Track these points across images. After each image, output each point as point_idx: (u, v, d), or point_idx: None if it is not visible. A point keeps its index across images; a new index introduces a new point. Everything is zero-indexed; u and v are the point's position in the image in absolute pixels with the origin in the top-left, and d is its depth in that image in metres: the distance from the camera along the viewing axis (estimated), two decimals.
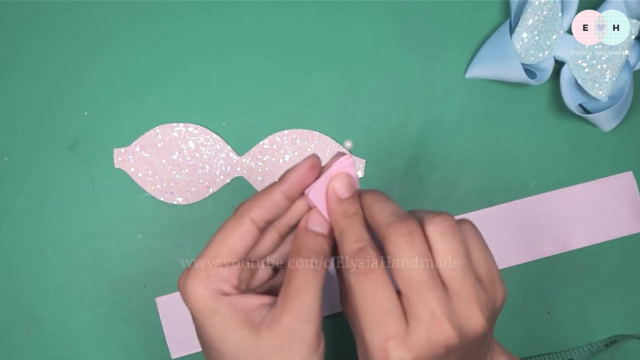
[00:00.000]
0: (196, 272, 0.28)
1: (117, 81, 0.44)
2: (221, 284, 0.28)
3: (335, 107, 0.45)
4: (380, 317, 0.26)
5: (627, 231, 0.46)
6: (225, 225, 0.29)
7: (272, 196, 0.29)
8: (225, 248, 0.28)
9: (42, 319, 0.43)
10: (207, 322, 0.28)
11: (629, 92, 0.45)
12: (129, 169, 0.44)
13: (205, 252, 0.29)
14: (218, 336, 0.28)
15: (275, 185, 0.29)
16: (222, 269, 0.28)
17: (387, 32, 0.46)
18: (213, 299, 0.28)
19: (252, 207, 0.29)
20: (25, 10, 0.44)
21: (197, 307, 0.28)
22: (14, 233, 0.43)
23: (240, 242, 0.28)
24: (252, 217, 0.28)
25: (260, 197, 0.29)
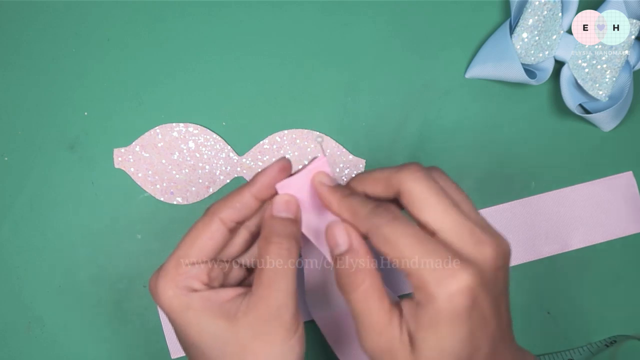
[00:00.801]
0: (166, 272, 0.28)
1: (117, 81, 0.44)
2: (191, 281, 0.28)
3: (335, 107, 0.45)
4: None
5: (627, 231, 0.46)
6: (195, 226, 0.29)
7: (241, 197, 0.29)
8: (195, 248, 0.29)
9: (42, 318, 0.43)
10: (182, 319, 0.28)
11: (629, 92, 0.45)
12: (129, 169, 0.44)
13: (175, 252, 0.29)
14: (195, 331, 0.28)
15: (245, 186, 0.29)
16: (192, 267, 0.28)
17: (387, 32, 0.46)
18: (184, 295, 0.28)
19: (221, 207, 0.29)
20: (25, 10, 0.44)
21: (170, 306, 0.28)
22: (14, 233, 0.43)
23: (210, 242, 0.29)
24: (222, 218, 0.29)
25: (230, 198, 0.29)
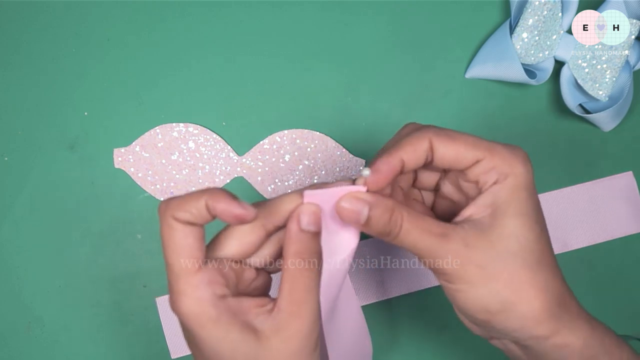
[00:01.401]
0: (185, 277, 0.27)
1: (117, 81, 0.44)
2: (212, 286, 0.27)
3: (335, 107, 0.45)
4: None
5: (627, 231, 0.46)
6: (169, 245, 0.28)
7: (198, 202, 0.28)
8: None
9: (42, 318, 0.43)
10: (211, 335, 0.27)
11: (629, 92, 0.45)
12: (129, 169, 0.44)
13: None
14: (225, 347, 0.27)
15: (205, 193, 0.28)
16: (200, 272, 0.27)
17: (387, 32, 0.46)
18: (212, 305, 0.27)
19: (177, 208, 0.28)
20: (25, 10, 0.44)
21: (197, 320, 0.27)
22: (14, 233, 0.43)
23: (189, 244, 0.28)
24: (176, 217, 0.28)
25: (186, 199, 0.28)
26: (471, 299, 0.29)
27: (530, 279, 0.28)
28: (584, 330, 0.30)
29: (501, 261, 0.28)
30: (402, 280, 0.45)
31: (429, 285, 0.45)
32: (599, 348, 0.30)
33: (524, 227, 0.29)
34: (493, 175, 0.29)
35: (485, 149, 0.29)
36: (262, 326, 0.28)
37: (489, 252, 0.28)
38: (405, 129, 0.31)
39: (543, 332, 0.29)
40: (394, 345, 0.45)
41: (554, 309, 0.29)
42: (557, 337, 0.29)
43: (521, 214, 0.29)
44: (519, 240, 0.29)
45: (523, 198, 0.29)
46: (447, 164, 0.30)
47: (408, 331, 0.45)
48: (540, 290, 0.28)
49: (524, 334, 0.29)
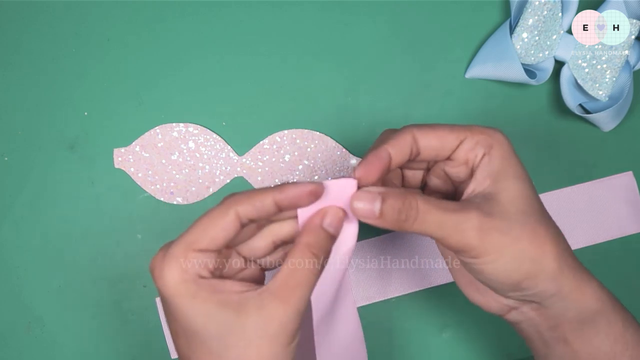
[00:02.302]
0: (174, 256, 0.28)
1: (117, 81, 0.44)
2: (199, 268, 0.28)
3: (335, 107, 0.45)
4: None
5: (627, 231, 0.46)
6: (210, 214, 0.29)
7: (264, 198, 0.29)
8: (207, 236, 0.28)
9: (42, 318, 0.43)
10: (187, 305, 0.28)
11: (629, 92, 0.45)
12: (129, 169, 0.44)
13: (184, 237, 0.28)
14: (201, 318, 0.28)
15: (270, 190, 0.29)
16: (201, 254, 0.28)
17: (387, 32, 0.46)
18: (193, 282, 0.28)
19: (241, 201, 0.28)
20: (25, 10, 0.44)
21: (176, 291, 0.28)
22: (14, 233, 0.43)
23: (222, 233, 0.28)
24: (239, 212, 0.28)
25: (252, 195, 0.29)
26: (501, 267, 0.30)
27: (546, 233, 0.30)
28: (595, 284, 0.31)
29: (518, 222, 0.30)
30: (402, 280, 0.45)
31: (429, 285, 0.45)
32: (609, 304, 0.32)
33: (525, 187, 0.31)
34: (479, 149, 0.31)
35: (464, 129, 0.31)
36: (247, 302, 0.28)
37: (505, 216, 0.30)
38: (384, 133, 0.33)
39: (568, 285, 0.30)
40: (394, 345, 0.45)
41: (569, 260, 0.31)
42: (578, 290, 0.31)
43: (518, 176, 0.31)
44: (526, 199, 0.30)
45: (514, 162, 0.31)
46: (434, 153, 0.31)
47: (408, 331, 0.45)
48: (556, 242, 0.30)
49: (552, 289, 0.30)
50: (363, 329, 0.44)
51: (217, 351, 0.28)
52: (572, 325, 0.31)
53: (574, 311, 0.31)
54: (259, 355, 0.28)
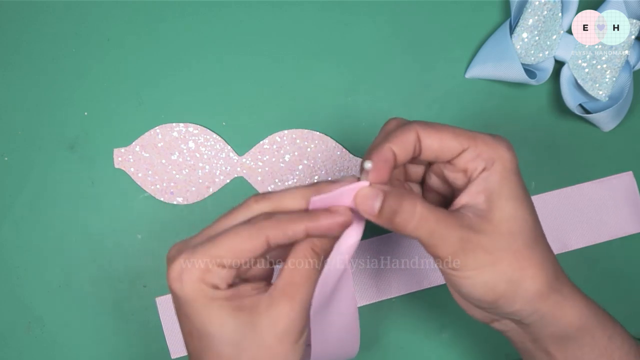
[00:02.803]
0: (195, 266, 0.28)
1: (117, 81, 0.44)
2: (217, 280, 0.28)
3: (335, 107, 0.45)
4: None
5: (627, 231, 0.46)
6: (239, 233, 0.29)
7: (296, 227, 0.29)
8: (233, 255, 0.28)
9: (42, 318, 0.43)
10: (202, 310, 0.28)
11: (629, 92, 0.45)
12: (129, 169, 0.44)
13: (211, 249, 0.28)
14: (217, 322, 0.28)
15: (303, 218, 0.29)
16: (222, 269, 0.28)
17: (387, 32, 0.46)
18: (209, 291, 0.28)
19: (273, 228, 0.29)
20: (25, 10, 0.44)
21: (192, 297, 0.28)
22: (14, 233, 0.43)
23: (249, 254, 0.28)
24: (269, 237, 0.28)
25: (285, 223, 0.29)
26: (479, 283, 0.30)
27: (531, 256, 0.30)
28: (581, 304, 0.31)
29: (504, 242, 0.30)
30: (402, 280, 0.45)
31: (429, 285, 0.45)
32: (594, 321, 0.32)
33: (519, 209, 0.30)
34: (480, 162, 0.30)
35: (469, 138, 0.31)
36: (258, 302, 0.29)
37: (493, 235, 0.30)
38: (389, 124, 0.32)
39: (546, 306, 0.30)
40: (394, 345, 0.45)
41: (553, 283, 0.30)
42: (558, 311, 0.31)
43: (515, 196, 0.30)
44: (517, 221, 0.30)
45: (513, 181, 0.30)
46: (434, 155, 0.31)
47: (408, 331, 0.45)
48: (541, 266, 0.30)
49: (528, 310, 0.30)
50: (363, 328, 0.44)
51: (231, 355, 0.28)
52: (553, 339, 0.32)
53: (553, 328, 0.31)
54: (270, 354, 0.28)
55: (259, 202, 0.30)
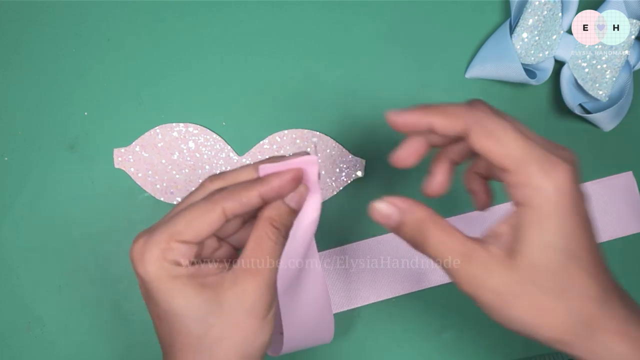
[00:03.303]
0: (156, 243, 0.29)
1: (117, 81, 0.44)
2: (179, 257, 0.29)
3: (335, 107, 0.45)
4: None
5: (627, 231, 0.46)
6: (196, 208, 0.29)
7: (249, 194, 0.30)
8: (191, 229, 0.29)
9: (42, 318, 0.43)
10: (167, 289, 0.29)
11: (629, 92, 0.45)
12: (129, 169, 0.44)
13: (169, 227, 0.29)
14: (181, 301, 0.29)
15: (255, 184, 0.30)
16: (183, 245, 0.29)
17: (387, 32, 0.46)
18: (172, 268, 0.29)
19: (227, 198, 0.29)
20: (25, 10, 0.44)
21: (155, 276, 0.29)
22: (14, 233, 0.43)
23: (207, 227, 0.29)
24: (225, 209, 0.29)
25: (238, 191, 0.30)
26: (496, 316, 0.29)
27: (552, 305, 0.27)
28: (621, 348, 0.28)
29: (520, 288, 0.27)
30: (402, 280, 0.45)
31: (429, 285, 0.45)
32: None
33: (549, 256, 0.27)
34: (523, 192, 0.27)
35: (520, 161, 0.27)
36: (222, 280, 0.29)
37: (507, 279, 0.27)
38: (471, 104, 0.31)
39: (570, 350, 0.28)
40: (393, 346, 0.45)
41: (579, 331, 0.28)
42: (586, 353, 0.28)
43: (548, 243, 0.27)
44: (542, 270, 0.27)
45: (552, 224, 0.27)
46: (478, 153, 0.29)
47: (408, 331, 0.45)
48: (563, 315, 0.28)
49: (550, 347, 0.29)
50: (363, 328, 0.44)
51: (198, 333, 0.29)
52: None
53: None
54: (238, 330, 0.29)
55: (213, 181, 0.31)
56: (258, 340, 0.30)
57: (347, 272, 0.44)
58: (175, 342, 0.29)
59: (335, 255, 0.44)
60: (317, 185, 0.32)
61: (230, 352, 0.29)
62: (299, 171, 0.31)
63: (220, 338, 0.29)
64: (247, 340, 0.29)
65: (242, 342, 0.29)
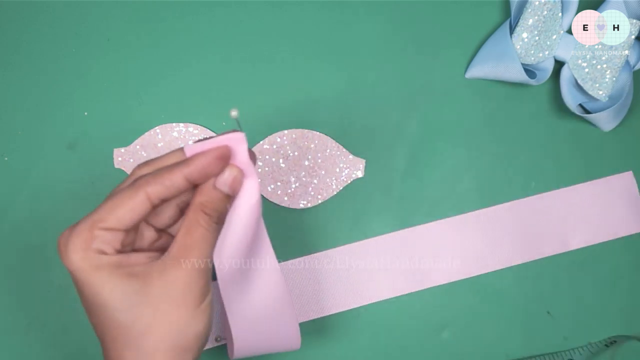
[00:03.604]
0: (78, 232, 0.28)
1: (117, 81, 0.44)
2: (103, 245, 0.28)
3: (335, 107, 0.45)
4: None
5: (627, 231, 0.46)
6: (119, 194, 0.29)
7: (173, 176, 0.29)
8: (113, 215, 0.28)
9: (42, 318, 0.43)
10: (91, 279, 0.28)
11: (629, 92, 0.45)
12: (129, 169, 0.44)
13: (91, 215, 0.28)
14: (106, 291, 0.28)
15: (178, 166, 0.29)
16: (106, 232, 0.28)
17: (387, 32, 0.46)
18: (96, 258, 0.28)
19: (150, 182, 0.28)
20: (25, 10, 0.44)
21: (80, 266, 0.28)
22: (14, 233, 0.43)
23: (130, 214, 0.28)
24: (149, 193, 0.28)
25: (161, 175, 0.29)
26: None
27: None
28: None
29: None
30: (402, 280, 0.45)
31: (429, 285, 0.45)
32: None
33: None
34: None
35: None
36: (150, 269, 0.28)
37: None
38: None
39: None
40: (393, 345, 0.45)
41: None
42: None
43: None
44: None
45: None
46: None
47: (408, 331, 0.45)
48: None
49: None
50: (363, 328, 0.44)
51: (126, 324, 0.28)
52: None
53: None
54: (167, 320, 0.28)
55: (142, 167, 0.30)
56: (190, 331, 0.28)
57: (347, 272, 0.44)
58: (105, 335, 0.29)
59: (335, 255, 0.44)
60: (252, 167, 0.30)
61: (159, 343, 0.28)
62: (225, 148, 0.29)
63: (148, 329, 0.28)
64: (177, 331, 0.28)
65: (171, 333, 0.28)
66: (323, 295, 0.43)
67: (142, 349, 0.28)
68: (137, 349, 0.28)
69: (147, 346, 0.28)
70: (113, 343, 0.28)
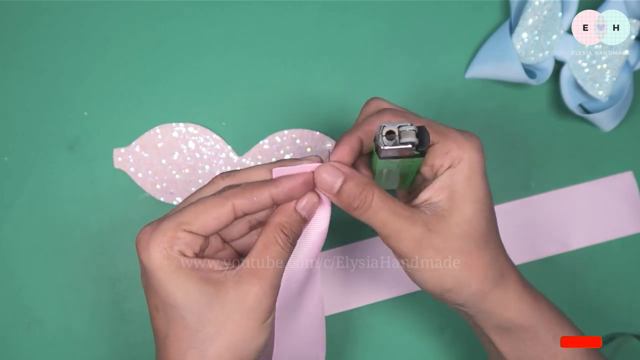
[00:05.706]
0: (164, 231, 0.29)
1: (117, 81, 0.44)
2: (184, 247, 0.29)
3: (335, 107, 0.45)
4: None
5: (627, 231, 0.46)
6: (206, 201, 0.29)
7: (261, 193, 0.30)
8: (199, 220, 0.29)
9: (42, 319, 0.43)
10: (169, 279, 0.28)
11: (629, 92, 0.45)
12: (129, 169, 0.44)
13: (177, 216, 0.29)
14: (181, 292, 0.28)
15: (267, 185, 0.30)
16: (189, 235, 0.29)
17: (387, 32, 0.46)
18: (176, 258, 0.28)
19: (238, 195, 0.29)
20: (25, 10, 0.44)
21: (159, 264, 0.28)
22: (14, 233, 0.43)
23: (215, 221, 0.29)
24: (235, 205, 0.29)
25: (249, 190, 0.30)
26: (428, 277, 0.31)
27: (480, 258, 0.31)
28: (524, 303, 0.33)
29: (457, 244, 0.31)
30: (402, 280, 0.45)
31: None
32: (539, 319, 0.33)
33: (479, 213, 0.31)
34: (447, 160, 0.31)
35: (439, 133, 0.31)
36: (225, 279, 0.29)
37: (447, 235, 0.31)
38: (369, 106, 0.34)
39: (487, 303, 0.32)
40: (394, 345, 0.45)
41: (498, 282, 0.32)
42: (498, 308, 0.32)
43: (476, 200, 0.31)
44: (474, 225, 0.31)
45: (477, 183, 0.31)
46: None
47: (408, 331, 0.45)
48: (488, 267, 0.31)
49: (471, 305, 0.32)
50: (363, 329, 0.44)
51: (194, 326, 0.29)
52: (495, 330, 0.33)
53: (494, 321, 0.33)
54: (235, 329, 0.29)
55: (225, 178, 0.31)
56: (253, 344, 0.29)
57: (347, 272, 0.44)
58: (170, 334, 0.29)
59: (335, 255, 0.44)
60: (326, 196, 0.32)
61: (223, 351, 0.29)
62: (310, 175, 0.30)
63: (215, 335, 0.29)
64: (243, 342, 0.29)
65: (236, 342, 0.29)
66: (323, 295, 0.43)
67: (206, 353, 0.29)
68: (201, 352, 0.29)
69: (211, 352, 0.29)
70: (176, 342, 0.29)
